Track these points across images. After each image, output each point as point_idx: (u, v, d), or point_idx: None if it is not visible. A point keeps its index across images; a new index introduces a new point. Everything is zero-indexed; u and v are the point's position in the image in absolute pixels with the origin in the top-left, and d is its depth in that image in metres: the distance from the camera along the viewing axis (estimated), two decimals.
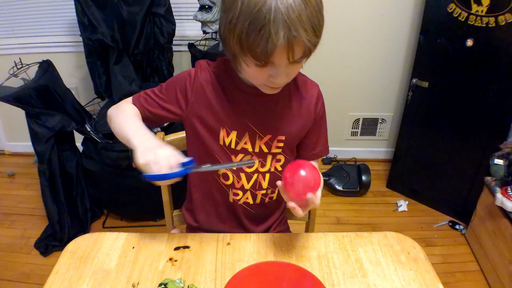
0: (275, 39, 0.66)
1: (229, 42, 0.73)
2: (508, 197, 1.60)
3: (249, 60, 0.72)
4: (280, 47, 0.67)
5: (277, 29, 0.65)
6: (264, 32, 0.65)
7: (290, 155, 0.98)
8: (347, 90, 2.44)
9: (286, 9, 0.64)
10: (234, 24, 0.69)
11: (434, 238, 2.03)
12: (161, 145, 0.78)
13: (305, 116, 0.94)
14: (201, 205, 1.05)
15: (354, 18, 2.21)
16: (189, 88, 0.88)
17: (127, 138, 0.83)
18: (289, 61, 0.71)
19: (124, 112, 0.90)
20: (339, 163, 2.60)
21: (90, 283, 0.79)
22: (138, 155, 0.76)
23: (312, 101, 0.94)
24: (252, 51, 0.69)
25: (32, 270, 1.80)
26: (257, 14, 0.65)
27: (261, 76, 0.77)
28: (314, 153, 1.01)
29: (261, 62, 0.71)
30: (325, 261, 0.86)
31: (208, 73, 0.89)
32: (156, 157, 0.74)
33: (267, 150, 0.93)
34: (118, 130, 0.87)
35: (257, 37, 0.66)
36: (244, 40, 0.68)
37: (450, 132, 2.05)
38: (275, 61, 0.71)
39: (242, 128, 0.90)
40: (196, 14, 1.91)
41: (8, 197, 2.31)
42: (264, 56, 0.69)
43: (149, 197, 1.72)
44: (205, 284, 0.80)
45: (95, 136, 1.89)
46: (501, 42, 1.73)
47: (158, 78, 2.19)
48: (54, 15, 2.27)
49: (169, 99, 0.90)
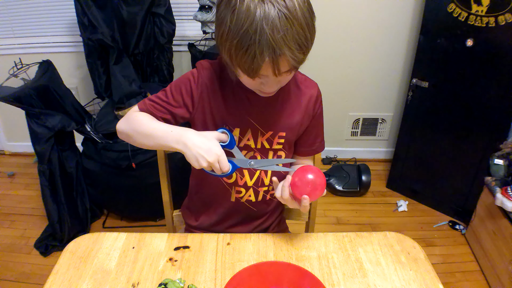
0: (260, 59, 0.69)
1: (222, 52, 0.76)
2: (508, 197, 1.60)
3: (240, 72, 0.76)
4: (265, 65, 0.70)
5: (262, 50, 0.68)
6: (250, 52, 0.68)
7: (290, 151, 1.00)
8: (347, 90, 2.44)
9: (271, 30, 0.66)
10: (224, 39, 0.71)
11: (434, 238, 2.03)
12: (207, 142, 0.78)
13: (305, 113, 0.96)
14: (202, 204, 1.05)
15: (354, 18, 2.21)
16: (194, 89, 0.89)
17: (162, 144, 0.83)
18: (276, 76, 0.74)
19: (140, 121, 0.86)
20: (339, 163, 2.60)
21: (90, 283, 0.79)
22: (198, 160, 0.77)
23: (312, 99, 0.96)
24: (240, 66, 0.73)
25: (32, 270, 1.80)
26: (243, 35, 0.67)
27: (253, 84, 0.81)
28: (313, 149, 1.03)
29: (250, 76, 0.74)
30: (325, 261, 0.86)
31: (210, 71, 0.90)
32: (213, 159, 0.76)
33: (268, 146, 0.94)
34: (145, 141, 0.86)
35: (244, 55, 0.69)
36: (234, 56, 0.72)
37: (450, 132, 2.05)
38: (263, 74, 0.74)
39: (245, 125, 0.91)
40: (196, 14, 1.91)
41: (8, 197, 2.31)
42: (252, 72, 0.72)
43: (149, 197, 1.73)
44: (205, 284, 0.80)
45: (95, 136, 1.89)
46: (501, 42, 1.73)
47: (158, 78, 2.19)
48: (54, 15, 2.27)
49: (177, 103, 0.89)
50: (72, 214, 1.93)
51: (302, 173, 0.81)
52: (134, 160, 1.81)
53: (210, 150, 0.77)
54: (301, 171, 0.82)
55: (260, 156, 0.94)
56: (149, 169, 1.85)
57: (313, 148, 1.04)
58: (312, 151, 1.04)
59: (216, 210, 1.03)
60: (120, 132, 0.90)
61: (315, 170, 0.82)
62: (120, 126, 0.89)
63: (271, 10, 0.66)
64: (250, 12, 0.66)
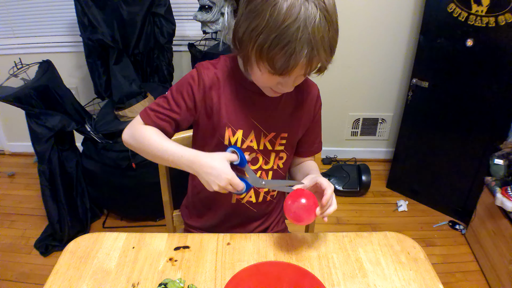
0: (299, 57, 0.69)
1: (247, 47, 0.74)
2: (508, 197, 1.60)
3: (264, 68, 0.74)
4: (300, 64, 0.70)
5: (301, 48, 0.68)
6: (288, 48, 0.68)
7: (291, 153, 1.00)
8: (347, 90, 2.44)
9: (312, 29, 0.67)
10: (257, 33, 0.70)
11: (434, 238, 2.03)
12: (217, 167, 0.80)
13: (306, 114, 0.96)
14: (202, 205, 1.05)
15: (354, 18, 2.21)
16: (196, 91, 0.87)
17: (173, 166, 0.85)
18: (304, 76, 0.76)
19: (148, 140, 0.86)
20: (339, 163, 2.60)
21: (90, 283, 0.79)
22: (210, 185, 0.80)
23: (313, 100, 0.97)
24: (271, 62, 0.71)
25: (32, 270, 1.80)
26: (285, 30, 0.67)
27: (270, 82, 0.80)
28: (312, 150, 1.05)
29: (277, 74, 0.73)
30: (325, 261, 0.86)
31: (212, 71, 0.88)
32: (224, 183, 0.79)
33: (271, 148, 0.94)
34: (155, 160, 0.89)
35: (281, 51, 0.69)
36: (266, 51, 0.70)
37: (450, 132, 2.05)
38: (291, 75, 0.74)
39: (248, 126, 0.91)
40: (196, 14, 1.91)
41: (8, 197, 2.31)
42: (283, 70, 0.71)
43: (149, 197, 1.73)
44: (205, 284, 0.80)
45: (95, 136, 1.89)
46: (501, 42, 1.73)
47: (158, 78, 2.19)
48: (54, 15, 2.27)
49: (180, 109, 0.88)
50: (72, 214, 1.93)
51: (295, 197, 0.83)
52: (134, 160, 1.81)
53: (220, 175, 0.78)
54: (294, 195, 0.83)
55: (262, 157, 0.94)
56: (149, 169, 1.85)
57: (312, 149, 1.04)
58: (311, 151, 1.05)
59: (216, 211, 1.03)
60: (126, 144, 0.90)
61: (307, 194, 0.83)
62: (127, 140, 0.89)
63: (314, 10, 0.67)
64: (294, 9, 0.66)
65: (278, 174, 0.98)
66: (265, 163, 0.95)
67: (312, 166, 1.03)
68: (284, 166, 0.99)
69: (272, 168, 0.96)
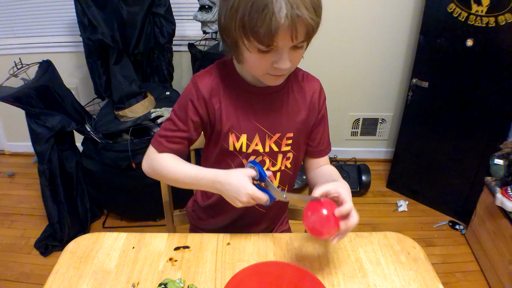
0: (279, 17, 0.66)
1: (231, 28, 0.72)
2: (508, 197, 1.60)
3: (252, 46, 0.72)
4: (283, 27, 0.68)
5: (280, 7, 0.66)
6: (267, 11, 0.66)
7: (299, 152, 0.98)
8: (347, 90, 2.44)
9: None
10: (235, 9, 0.69)
11: (434, 238, 2.03)
12: (237, 184, 0.79)
13: (310, 109, 0.94)
14: (212, 210, 1.04)
15: (354, 18, 2.21)
16: (197, 105, 0.87)
17: (195, 188, 0.88)
18: (293, 42, 0.71)
19: (166, 168, 0.88)
20: (339, 163, 2.60)
21: (90, 283, 0.79)
22: (234, 202, 0.81)
23: (316, 94, 0.95)
24: (255, 33, 0.69)
25: (32, 270, 1.80)
26: None
27: (264, 64, 0.76)
28: (322, 149, 1.01)
29: (264, 45, 0.71)
30: (325, 261, 0.86)
31: (208, 80, 0.87)
32: (246, 200, 0.79)
33: (277, 149, 0.93)
34: (177, 185, 0.90)
35: (260, 17, 0.67)
36: (247, 22, 0.68)
37: (450, 132, 2.05)
38: (278, 44, 0.71)
39: (252, 130, 0.89)
40: (196, 14, 1.91)
41: (8, 197, 2.31)
42: (268, 38, 0.69)
43: (149, 197, 1.73)
44: (205, 284, 0.80)
45: (95, 136, 1.89)
46: (501, 42, 1.73)
47: (158, 78, 2.19)
48: (54, 15, 2.27)
49: (187, 127, 0.88)
50: (72, 214, 1.93)
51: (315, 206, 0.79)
52: (134, 160, 1.81)
53: (241, 190, 0.79)
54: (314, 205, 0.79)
55: (269, 159, 0.93)
56: None
57: (322, 148, 1.01)
58: (321, 151, 1.01)
59: (226, 215, 1.02)
60: (148, 175, 0.93)
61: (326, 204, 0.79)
62: (147, 171, 0.92)
63: None
64: None
65: (286, 174, 0.96)
66: (272, 164, 0.94)
67: (332, 172, 0.99)
68: (292, 165, 0.97)
69: (280, 169, 0.95)
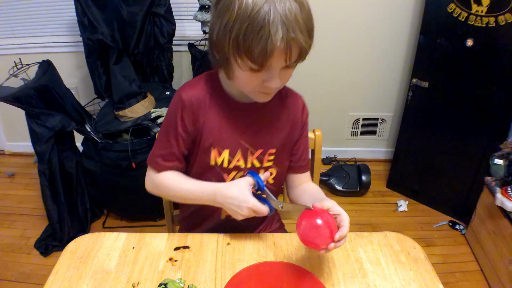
0: (275, 40, 0.66)
1: (224, 45, 0.72)
2: (508, 197, 1.60)
3: (244, 64, 0.72)
4: (279, 49, 0.68)
5: (276, 30, 0.66)
6: (263, 33, 0.66)
7: (282, 167, 0.97)
8: (347, 90, 2.44)
9: (283, 11, 0.66)
10: (230, 27, 0.68)
11: (434, 238, 2.03)
12: (238, 196, 0.80)
13: (293, 125, 0.95)
14: (197, 218, 1.04)
15: (354, 18, 2.21)
16: (185, 118, 0.86)
17: (198, 203, 0.89)
18: (286, 64, 0.72)
19: (168, 187, 0.91)
20: (339, 163, 2.60)
21: (90, 283, 0.79)
22: (235, 215, 0.82)
23: (299, 111, 0.95)
24: (249, 53, 0.69)
25: (32, 270, 1.80)
26: (255, 16, 0.66)
27: (255, 82, 0.76)
28: (303, 165, 1.01)
29: (257, 65, 0.71)
30: (325, 261, 0.86)
31: (193, 93, 0.86)
32: (247, 212, 0.80)
33: (259, 165, 0.93)
34: (181, 201, 0.95)
35: (256, 37, 0.66)
36: (242, 42, 0.68)
37: (450, 132, 2.05)
38: (272, 64, 0.71)
39: (234, 145, 0.89)
40: (196, 14, 1.91)
41: (8, 197, 2.31)
42: (262, 58, 0.69)
43: (149, 197, 1.72)
44: (205, 284, 0.80)
45: (95, 136, 1.89)
46: (501, 42, 1.72)
47: (158, 78, 2.19)
48: (54, 15, 2.27)
49: (181, 142, 0.89)
50: (72, 214, 1.93)
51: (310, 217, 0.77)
52: (134, 160, 1.81)
53: (241, 203, 0.80)
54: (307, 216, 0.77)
55: None
56: None
57: (303, 164, 1.00)
58: (301, 167, 1.00)
59: (211, 219, 1.00)
60: (153, 194, 0.95)
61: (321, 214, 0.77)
62: (151, 191, 0.95)
63: None
64: None
65: (268, 189, 0.94)
66: None
67: (316, 191, 0.97)
68: (275, 181, 0.97)
69: None
